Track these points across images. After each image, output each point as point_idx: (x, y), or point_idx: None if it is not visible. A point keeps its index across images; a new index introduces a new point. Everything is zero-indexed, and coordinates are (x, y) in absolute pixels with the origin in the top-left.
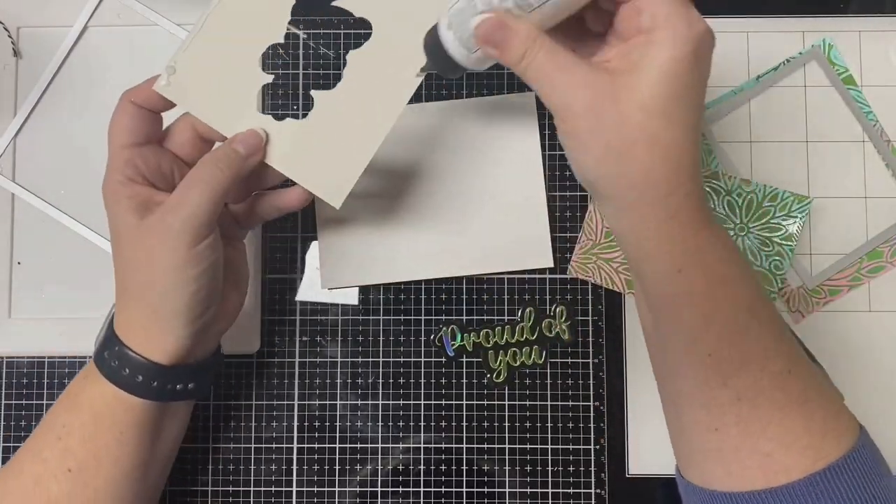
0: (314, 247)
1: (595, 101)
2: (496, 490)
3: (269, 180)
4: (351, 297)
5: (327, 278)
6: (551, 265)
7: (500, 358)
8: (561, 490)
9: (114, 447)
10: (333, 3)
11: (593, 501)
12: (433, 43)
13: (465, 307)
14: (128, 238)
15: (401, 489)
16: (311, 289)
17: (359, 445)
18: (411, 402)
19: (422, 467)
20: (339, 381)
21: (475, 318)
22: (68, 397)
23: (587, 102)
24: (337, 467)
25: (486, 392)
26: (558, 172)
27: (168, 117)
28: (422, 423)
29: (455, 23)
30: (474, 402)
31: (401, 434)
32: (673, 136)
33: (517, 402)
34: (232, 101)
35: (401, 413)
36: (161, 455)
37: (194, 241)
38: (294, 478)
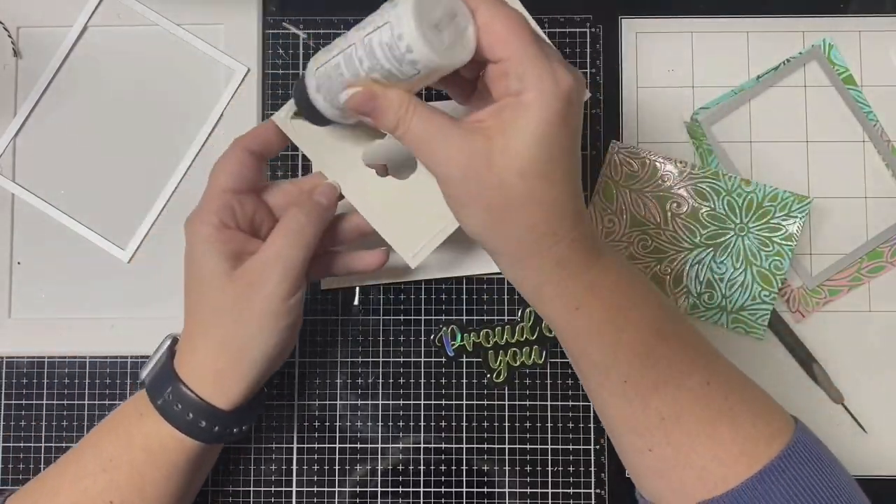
0: None
1: (472, 166)
2: (496, 490)
3: (343, 238)
4: (351, 297)
5: (326, 279)
6: None
7: (500, 358)
8: (561, 490)
9: (162, 484)
10: None
11: (593, 501)
12: (302, 98)
13: (465, 307)
14: (217, 284)
15: (400, 489)
16: (310, 288)
17: (359, 445)
18: (411, 402)
19: (421, 467)
20: (339, 381)
21: (475, 318)
22: (117, 430)
23: (464, 168)
24: (337, 467)
25: (486, 392)
26: None
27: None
28: (421, 423)
29: (323, 87)
30: (474, 402)
31: (400, 434)
32: (552, 193)
33: (517, 402)
34: (341, 150)
35: (401, 413)
36: (196, 487)
37: (289, 294)
38: (294, 478)
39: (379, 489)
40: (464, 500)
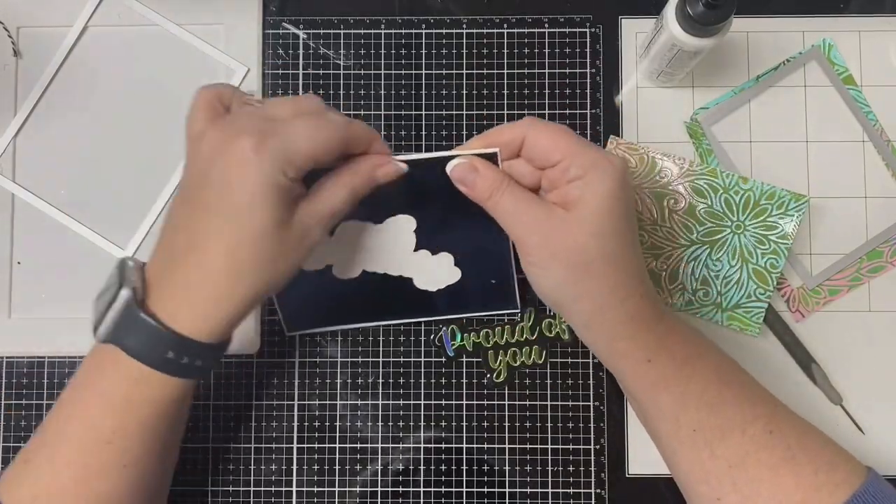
0: None
1: (553, 233)
2: (496, 490)
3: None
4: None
5: (289, 325)
6: (518, 310)
7: (500, 358)
8: (561, 490)
9: (166, 434)
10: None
11: (593, 501)
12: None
13: None
14: (273, 234)
15: (401, 489)
16: None
17: (359, 445)
18: (411, 402)
19: (422, 467)
20: (339, 381)
21: (475, 317)
22: (111, 400)
23: (546, 234)
24: (337, 467)
25: (486, 392)
26: None
27: None
28: (422, 423)
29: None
30: (474, 402)
31: (401, 434)
32: (622, 250)
33: (517, 402)
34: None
35: (401, 413)
36: (181, 431)
37: (323, 241)
38: (294, 478)
39: (379, 489)
40: (464, 500)
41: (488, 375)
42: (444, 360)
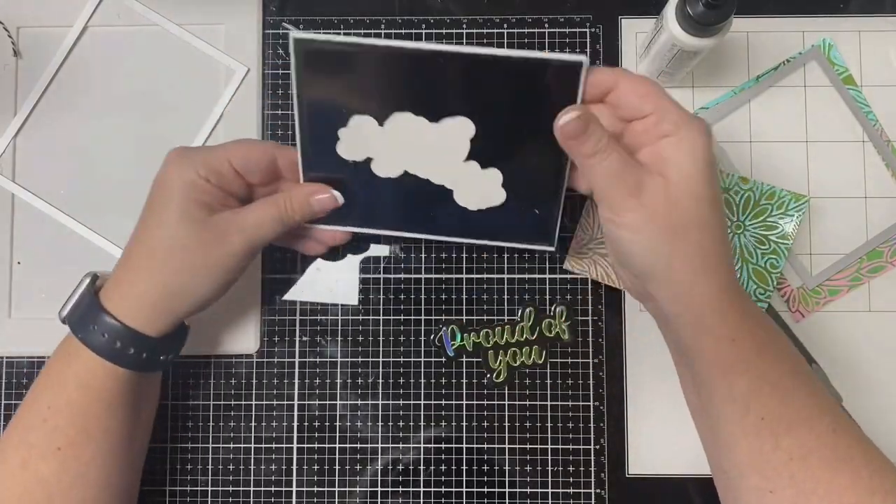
0: None
1: (649, 195)
2: (496, 490)
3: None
4: (351, 297)
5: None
6: (552, 248)
7: (499, 358)
8: (561, 490)
9: (104, 419)
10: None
11: (593, 501)
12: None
13: (465, 307)
14: (184, 228)
15: (401, 489)
16: (310, 289)
17: (359, 445)
18: (411, 401)
19: (422, 467)
20: (339, 381)
21: (475, 318)
22: (49, 378)
23: (642, 197)
24: (337, 467)
25: (486, 392)
26: None
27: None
28: (422, 423)
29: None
30: (474, 402)
31: (401, 434)
32: (715, 215)
33: (517, 402)
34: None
35: (401, 413)
36: (143, 423)
37: (248, 257)
38: (294, 478)
39: (379, 489)
40: (464, 500)
41: (488, 375)
42: (444, 360)
